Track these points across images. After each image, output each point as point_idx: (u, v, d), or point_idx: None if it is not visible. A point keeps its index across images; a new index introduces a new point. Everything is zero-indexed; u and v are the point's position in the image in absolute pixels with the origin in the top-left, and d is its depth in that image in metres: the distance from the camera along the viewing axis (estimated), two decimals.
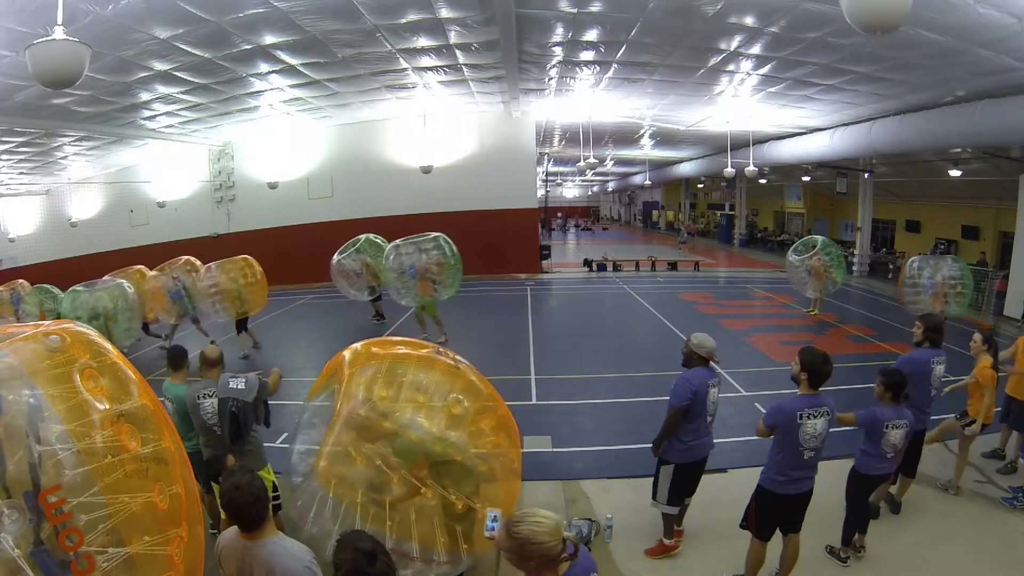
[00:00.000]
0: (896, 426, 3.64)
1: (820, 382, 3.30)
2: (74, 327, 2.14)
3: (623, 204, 49.17)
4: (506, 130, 16.86)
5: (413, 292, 9.62)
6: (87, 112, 11.38)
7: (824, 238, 12.24)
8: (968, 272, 9.74)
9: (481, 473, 3.13)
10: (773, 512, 3.44)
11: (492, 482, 3.14)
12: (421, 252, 9.68)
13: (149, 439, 2.05)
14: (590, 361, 8.45)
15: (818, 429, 3.25)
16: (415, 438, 2.98)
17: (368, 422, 2.99)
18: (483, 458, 3.17)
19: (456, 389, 3.23)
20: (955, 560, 3.91)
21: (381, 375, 3.16)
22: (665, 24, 8.16)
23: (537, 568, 1.81)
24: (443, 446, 3.02)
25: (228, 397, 3.53)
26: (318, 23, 8.23)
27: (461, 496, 3.03)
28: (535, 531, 1.79)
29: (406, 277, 9.60)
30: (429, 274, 9.58)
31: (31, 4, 6.13)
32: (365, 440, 2.98)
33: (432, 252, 9.73)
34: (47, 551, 1.71)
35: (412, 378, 3.17)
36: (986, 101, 9.48)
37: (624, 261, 19.83)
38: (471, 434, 3.18)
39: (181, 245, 18.22)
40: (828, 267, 11.48)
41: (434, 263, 9.66)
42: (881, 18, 3.35)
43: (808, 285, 11.75)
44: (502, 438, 3.32)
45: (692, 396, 3.70)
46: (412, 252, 9.69)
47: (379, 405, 3.05)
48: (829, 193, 21.61)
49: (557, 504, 4.68)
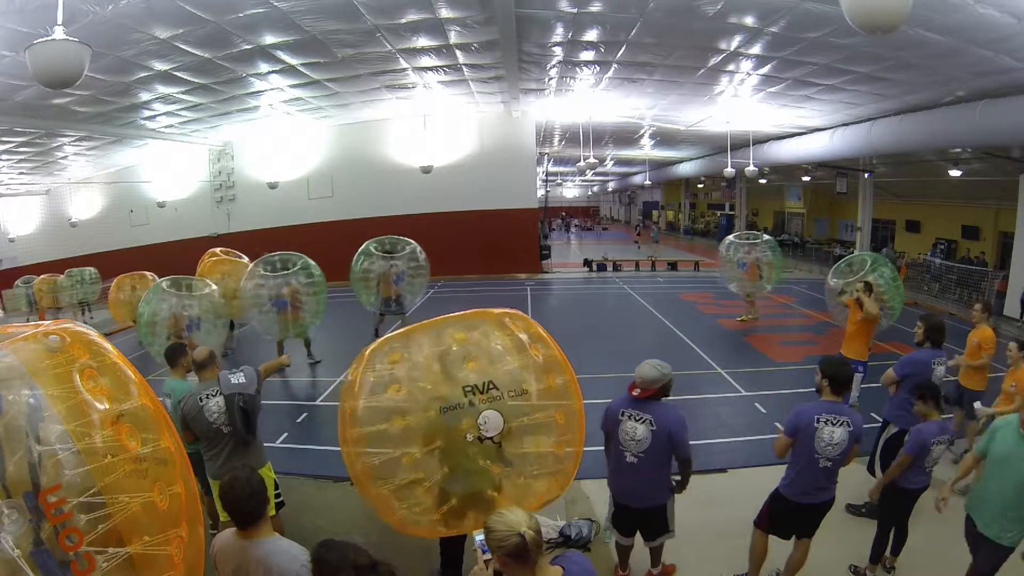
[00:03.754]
0: (940, 442, 3.49)
1: (841, 386, 3.27)
2: (74, 327, 2.13)
3: (623, 204, 49.16)
4: (506, 130, 16.86)
5: (283, 325, 8.46)
6: (87, 112, 11.38)
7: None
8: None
9: (492, 475, 3.02)
10: (788, 517, 3.41)
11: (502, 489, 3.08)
12: (285, 283, 8.45)
13: (149, 439, 2.05)
14: (590, 361, 8.44)
15: (835, 438, 3.17)
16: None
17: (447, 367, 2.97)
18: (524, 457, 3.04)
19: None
20: (955, 561, 3.90)
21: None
22: (665, 24, 8.16)
23: (511, 566, 1.86)
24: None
25: (234, 392, 3.56)
26: (318, 23, 8.24)
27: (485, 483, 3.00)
28: (494, 521, 1.88)
29: (268, 310, 8.40)
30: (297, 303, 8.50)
31: (31, 4, 6.14)
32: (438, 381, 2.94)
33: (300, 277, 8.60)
34: (47, 551, 1.71)
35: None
36: (986, 101, 9.47)
37: (624, 261, 19.81)
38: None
39: (181, 245, 18.28)
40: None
41: (300, 290, 8.52)
42: (881, 18, 3.35)
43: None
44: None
45: (603, 420, 3.45)
46: (278, 283, 8.49)
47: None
48: (829, 193, 21.62)
49: (557, 504, 4.67)
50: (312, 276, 8.68)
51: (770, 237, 11.80)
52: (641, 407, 3.30)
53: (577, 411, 3.10)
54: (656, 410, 3.30)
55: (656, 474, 3.40)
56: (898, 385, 4.38)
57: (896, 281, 7.67)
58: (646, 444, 3.28)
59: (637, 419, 3.28)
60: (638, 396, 3.28)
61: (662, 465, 3.38)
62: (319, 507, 4.75)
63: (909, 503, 3.61)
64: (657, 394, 3.31)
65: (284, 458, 5.49)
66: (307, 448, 5.91)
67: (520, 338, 3.11)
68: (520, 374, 3.01)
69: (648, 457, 3.30)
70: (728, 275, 11.46)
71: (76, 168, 17.36)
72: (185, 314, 7.64)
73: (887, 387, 4.51)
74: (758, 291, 11.26)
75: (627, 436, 3.31)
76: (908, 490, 3.56)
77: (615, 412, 3.39)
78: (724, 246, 11.54)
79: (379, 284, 9.79)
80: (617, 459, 3.38)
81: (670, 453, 3.33)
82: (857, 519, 4.36)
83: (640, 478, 3.37)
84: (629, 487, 3.45)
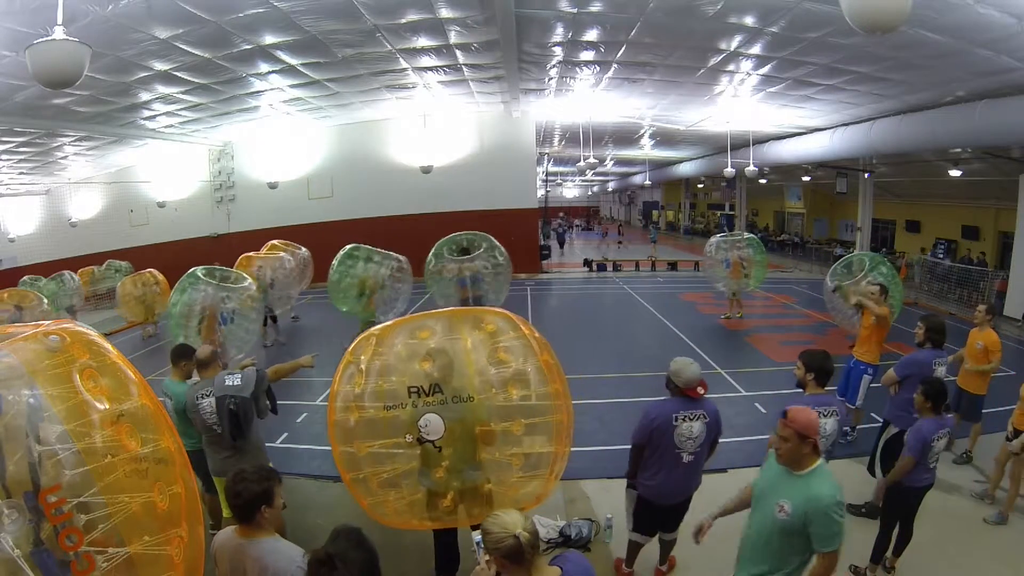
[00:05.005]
0: (940, 436, 3.49)
1: (826, 378, 3.31)
2: (74, 327, 2.14)
3: (623, 204, 49.14)
4: (506, 130, 16.86)
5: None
6: (87, 112, 11.38)
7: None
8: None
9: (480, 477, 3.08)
10: None
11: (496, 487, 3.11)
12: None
13: (149, 439, 2.05)
14: (590, 361, 8.45)
15: (827, 429, 3.19)
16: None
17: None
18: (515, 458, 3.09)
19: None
20: (956, 561, 3.91)
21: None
22: (665, 24, 8.16)
23: (507, 567, 1.87)
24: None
25: (225, 395, 3.51)
26: (318, 23, 8.23)
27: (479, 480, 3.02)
28: (489, 523, 1.90)
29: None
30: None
31: (31, 4, 6.13)
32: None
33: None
34: (47, 551, 1.71)
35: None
36: (986, 101, 9.47)
37: (624, 261, 19.81)
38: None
39: (181, 245, 18.28)
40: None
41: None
42: (881, 18, 3.35)
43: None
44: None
45: (648, 432, 3.33)
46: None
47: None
48: (829, 193, 21.62)
49: (557, 504, 4.68)
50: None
51: (753, 235, 12.12)
52: (694, 405, 3.30)
53: (563, 420, 3.12)
54: (705, 404, 3.34)
55: (702, 464, 3.47)
56: (899, 385, 4.39)
57: (895, 279, 7.58)
58: (702, 439, 3.32)
59: (692, 418, 3.29)
60: (701, 394, 3.30)
61: (707, 454, 3.47)
62: (319, 507, 4.75)
63: (915, 501, 3.59)
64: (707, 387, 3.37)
65: (284, 458, 5.49)
66: (307, 448, 5.91)
67: (508, 340, 3.12)
68: (500, 376, 3.02)
69: (702, 451, 3.37)
70: (713, 275, 11.73)
71: (76, 168, 17.34)
72: (224, 306, 7.37)
73: (888, 388, 4.51)
74: (743, 289, 11.47)
75: (684, 437, 3.29)
76: (914, 488, 3.55)
77: (667, 419, 3.28)
78: (708, 246, 11.83)
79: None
80: (671, 462, 3.33)
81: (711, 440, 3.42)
82: (857, 519, 4.36)
83: (695, 474, 3.44)
84: (682, 486, 3.45)
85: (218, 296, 7.43)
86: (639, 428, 3.37)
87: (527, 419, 3.03)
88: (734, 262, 11.20)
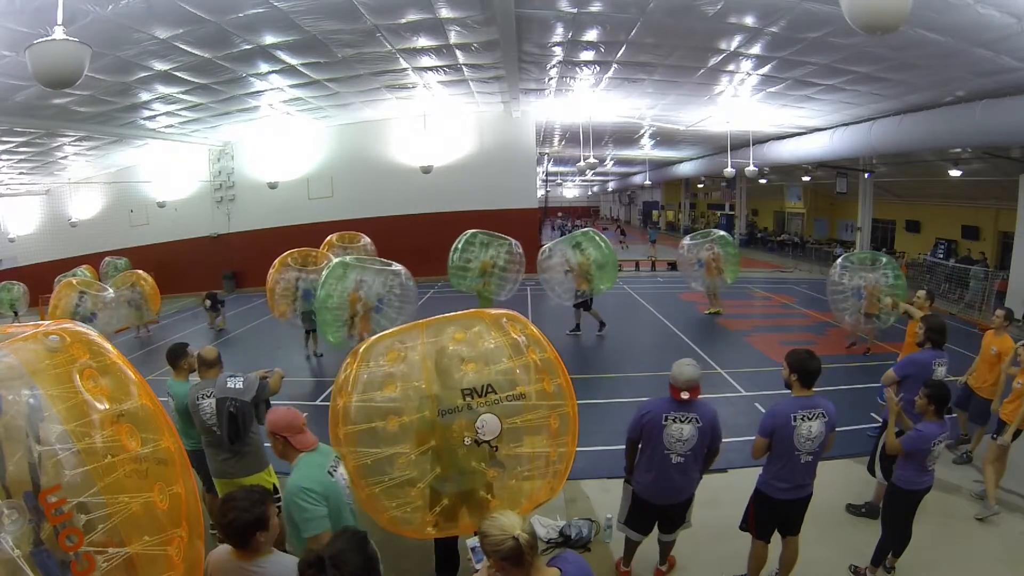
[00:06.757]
0: (940, 440, 3.45)
1: (811, 380, 3.27)
2: (74, 327, 2.13)
3: (623, 204, 49.15)
4: (506, 130, 16.86)
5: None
6: (87, 112, 11.38)
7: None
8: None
9: (485, 477, 3.06)
10: (772, 515, 3.42)
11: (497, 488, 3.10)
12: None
13: (149, 439, 2.05)
14: (590, 361, 8.46)
15: (813, 431, 3.20)
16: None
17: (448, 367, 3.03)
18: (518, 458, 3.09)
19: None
20: (956, 561, 3.91)
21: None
22: (665, 24, 8.16)
23: (507, 569, 1.87)
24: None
25: (226, 397, 3.49)
26: (318, 23, 8.23)
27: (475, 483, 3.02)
28: (488, 526, 1.89)
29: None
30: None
31: (31, 4, 6.13)
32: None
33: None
34: (47, 551, 1.71)
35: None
36: (986, 101, 9.46)
37: (624, 261, 19.79)
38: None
39: (181, 245, 18.28)
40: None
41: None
42: (881, 18, 3.35)
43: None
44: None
45: (639, 427, 3.38)
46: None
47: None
48: (829, 193, 21.61)
49: (557, 504, 4.67)
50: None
51: (724, 233, 12.58)
52: (686, 408, 3.30)
53: (570, 413, 3.11)
54: (700, 408, 3.33)
55: (697, 469, 3.46)
56: (899, 385, 4.38)
57: (900, 280, 8.14)
58: (693, 442, 3.31)
59: (683, 420, 3.29)
60: (688, 398, 3.26)
61: (701, 459, 3.45)
62: None
63: (912, 505, 3.57)
64: (698, 392, 3.34)
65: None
66: None
67: (517, 340, 3.12)
68: (515, 376, 3.03)
69: (693, 454, 3.35)
70: (689, 275, 12.31)
71: (76, 168, 17.35)
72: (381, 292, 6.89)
73: (886, 387, 4.51)
74: (720, 286, 11.96)
75: (673, 438, 3.30)
76: (912, 492, 3.53)
77: (657, 418, 3.31)
78: (680, 248, 12.36)
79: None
80: (661, 462, 3.35)
81: (708, 446, 3.40)
82: (857, 519, 4.36)
83: (685, 476, 3.42)
84: (672, 486, 3.44)
85: (378, 282, 6.84)
86: (632, 422, 3.46)
87: (539, 415, 3.05)
88: (707, 261, 11.62)
